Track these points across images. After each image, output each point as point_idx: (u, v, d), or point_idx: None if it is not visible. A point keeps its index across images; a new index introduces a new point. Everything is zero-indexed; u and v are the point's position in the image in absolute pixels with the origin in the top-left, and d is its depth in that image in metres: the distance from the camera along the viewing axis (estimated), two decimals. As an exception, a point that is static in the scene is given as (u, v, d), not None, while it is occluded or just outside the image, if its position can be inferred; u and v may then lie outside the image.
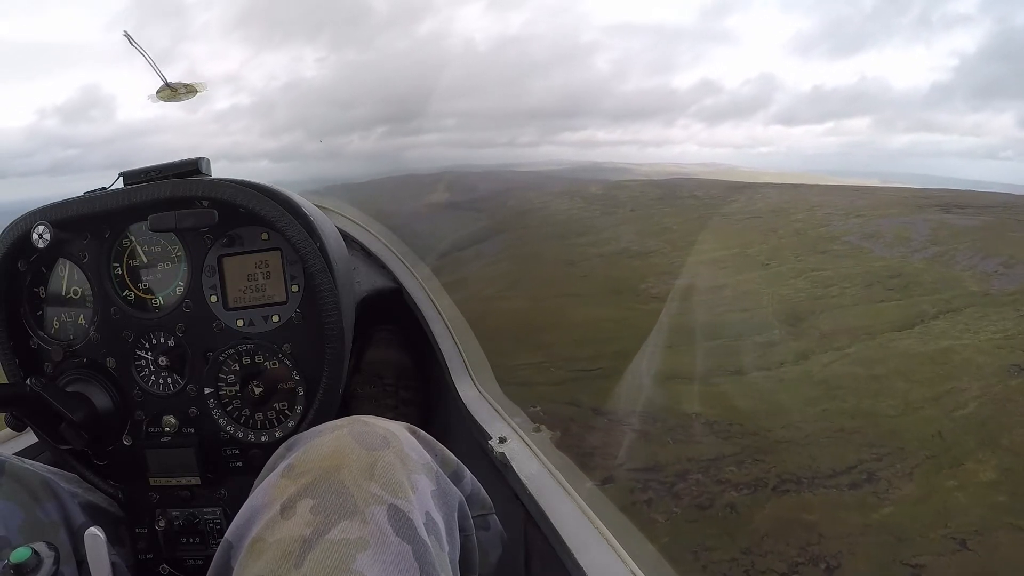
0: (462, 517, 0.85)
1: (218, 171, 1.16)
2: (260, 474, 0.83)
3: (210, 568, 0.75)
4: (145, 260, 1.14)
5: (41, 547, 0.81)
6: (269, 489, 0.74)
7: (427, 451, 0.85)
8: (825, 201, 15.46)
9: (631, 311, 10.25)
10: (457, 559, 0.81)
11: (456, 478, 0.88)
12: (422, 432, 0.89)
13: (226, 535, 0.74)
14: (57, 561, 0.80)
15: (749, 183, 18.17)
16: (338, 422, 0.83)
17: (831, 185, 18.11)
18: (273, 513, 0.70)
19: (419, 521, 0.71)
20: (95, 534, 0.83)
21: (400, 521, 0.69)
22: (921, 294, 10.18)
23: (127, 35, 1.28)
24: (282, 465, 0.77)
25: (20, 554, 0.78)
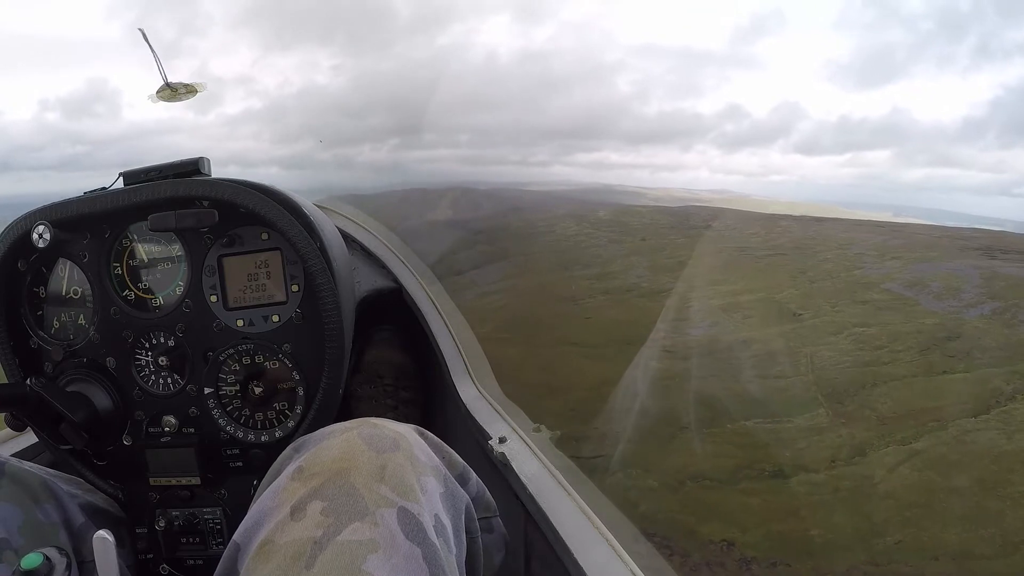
0: (468, 519, 0.85)
1: (228, 177, 1.13)
2: (266, 476, 0.84)
3: (217, 570, 0.75)
4: (145, 260, 1.16)
5: (52, 552, 0.81)
6: (278, 491, 0.74)
7: (435, 453, 0.85)
8: (854, 238, 13.35)
9: (640, 370, 8.01)
10: (464, 561, 0.80)
11: (462, 480, 0.88)
12: (430, 434, 0.90)
13: (234, 537, 0.74)
14: (69, 566, 0.80)
15: (769, 215, 16.02)
16: (347, 424, 0.83)
17: (858, 220, 16.03)
18: (283, 515, 0.69)
19: (428, 524, 0.71)
20: (104, 537, 0.80)
21: (410, 523, 0.68)
22: (989, 364, 8.05)
23: (143, 32, 1.28)
24: (291, 467, 0.77)
25: (31, 560, 0.78)
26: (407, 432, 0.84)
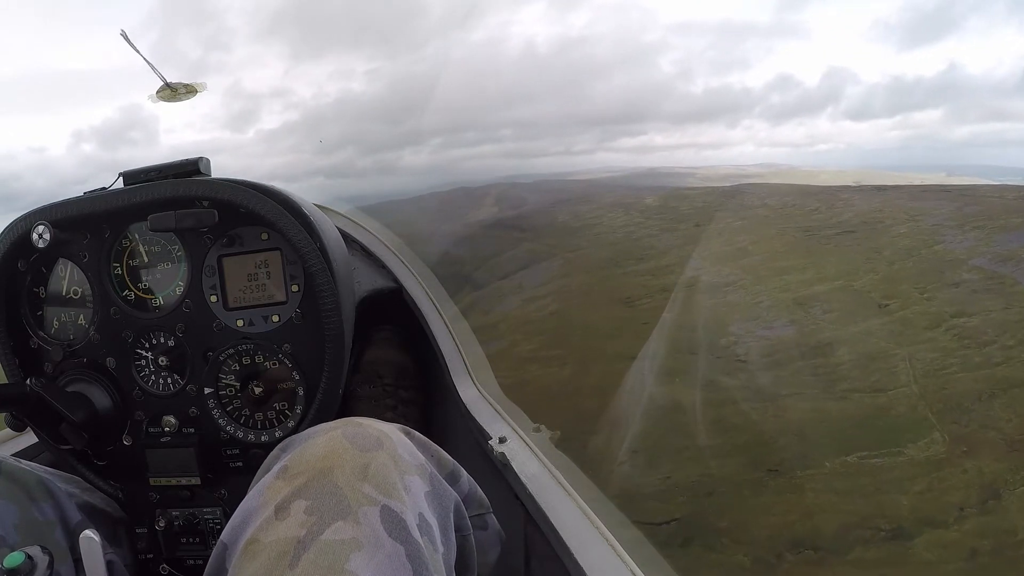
0: (459, 517, 0.86)
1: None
2: (256, 475, 0.86)
3: (206, 570, 0.76)
4: (145, 260, 1.18)
5: (35, 551, 0.83)
6: (263, 490, 0.75)
7: (421, 452, 0.86)
8: (924, 208, 11.96)
9: (714, 391, 6.75)
10: (453, 560, 0.82)
11: (452, 479, 0.89)
12: (416, 433, 0.90)
13: (221, 537, 0.75)
14: (51, 565, 0.82)
15: (825, 187, 14.80)
16: (332, 423, 0.84)
17: (922, 186, 14.58)
18: (268, 514, 0.70)
19: (412, 522, 0.71)
20: (90, 536, 0.84)
21: (393, 522, 0.69)
22: (1124, 355, 6.63)
23: (124, 35, 1.28)
24: (276, 467, 0.79)
25: (13, 559, 0.80)
26: (391, 431, 0.84)
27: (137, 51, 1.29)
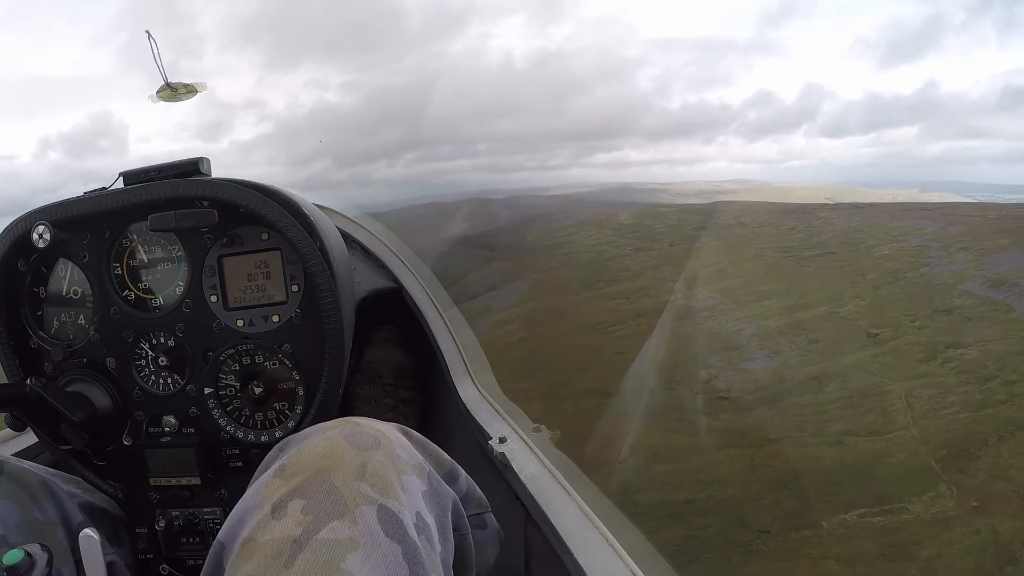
0: (457, 517, 0.88)
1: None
2: (254, 475, 0.88)
3: (203, 569, 0.78)
4: (145, 260, 1.19)
5: (34, 548, 0.83)
6: (261, 489, 0.76)
7: (419, 452, 0.87)
8: (906, 227, 11.67)
9: (694, 434, 6.13)
10: (451, 559, 0.83)
11: (450, 478, 0.91)
12: (414, 433, 0.92)
13: (218, 536, 0.77)
14: (50, 563, 0.83)
15: (802, 204, 14.55)
16: (329, 423, 0.85)
17: (902, 204, 14.44)
18: (264, 513, 0.71)
19: (409, 521, 0.72)
20: (89, 535, 0.85)
21: (390, 521, 0.69)
22: None
23: (148, 33, 1.32)
24: (274, 466, 0.80)
25: (13, 556, 0.81)
26: (389, 430, 0.86)
27: (155, 52, 1.32)
